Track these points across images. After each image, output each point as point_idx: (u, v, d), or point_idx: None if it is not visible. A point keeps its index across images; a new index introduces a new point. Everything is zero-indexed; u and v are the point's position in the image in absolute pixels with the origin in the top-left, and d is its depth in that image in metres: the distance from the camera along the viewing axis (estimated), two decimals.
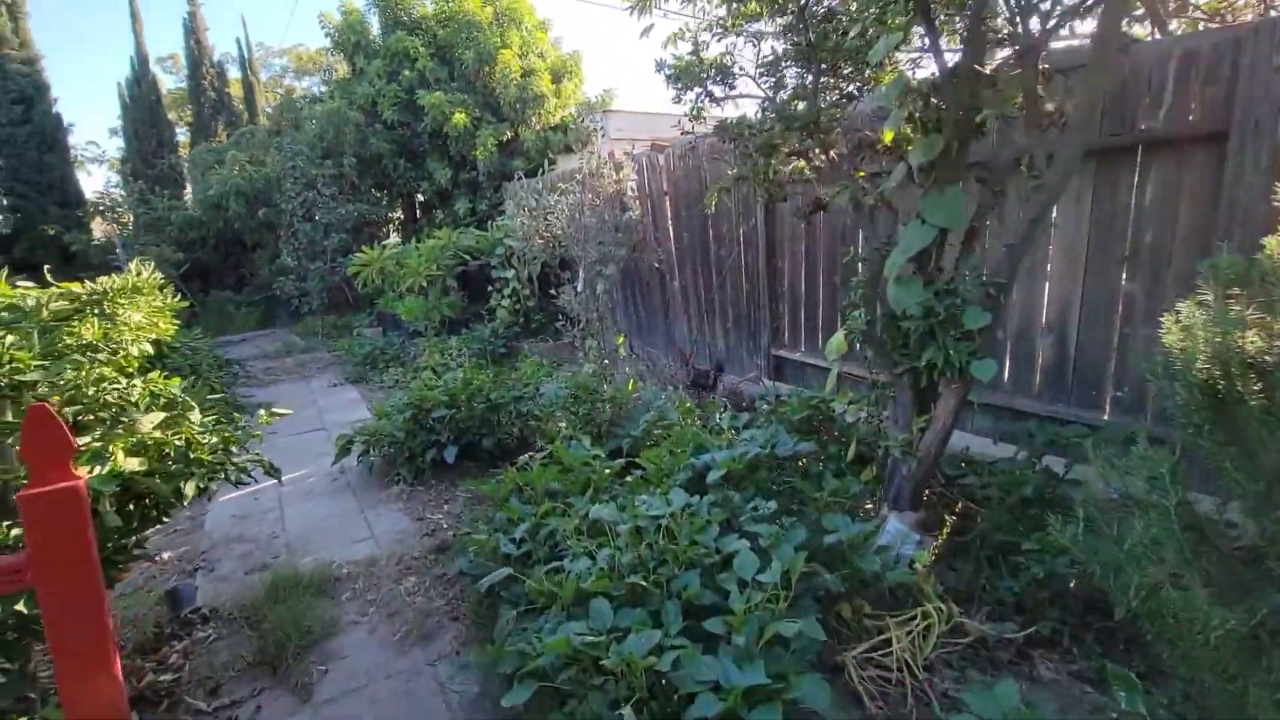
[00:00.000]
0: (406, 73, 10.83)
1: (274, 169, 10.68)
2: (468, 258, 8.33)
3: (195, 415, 2.70)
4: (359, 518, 3.86)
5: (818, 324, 5.45)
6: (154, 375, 5.33)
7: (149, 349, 5.47)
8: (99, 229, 14.00)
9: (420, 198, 12.99)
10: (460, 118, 10.15)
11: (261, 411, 3.12)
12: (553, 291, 8.90)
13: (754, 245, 5.86)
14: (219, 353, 8.93)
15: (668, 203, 6.76)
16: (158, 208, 11.91)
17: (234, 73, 17.21)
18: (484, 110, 10.73)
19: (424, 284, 8.00)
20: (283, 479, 3.13)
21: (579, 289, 5.30)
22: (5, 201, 12.81)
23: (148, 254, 10.27)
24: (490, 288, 8.44)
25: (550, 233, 4.98)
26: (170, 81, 20.92)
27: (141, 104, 13.98)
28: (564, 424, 3.99)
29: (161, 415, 2.52)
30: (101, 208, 11.97)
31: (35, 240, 12.62)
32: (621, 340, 5.35)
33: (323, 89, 12.29)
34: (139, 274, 5.53)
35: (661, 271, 6.77)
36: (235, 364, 7.98)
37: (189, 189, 14.57)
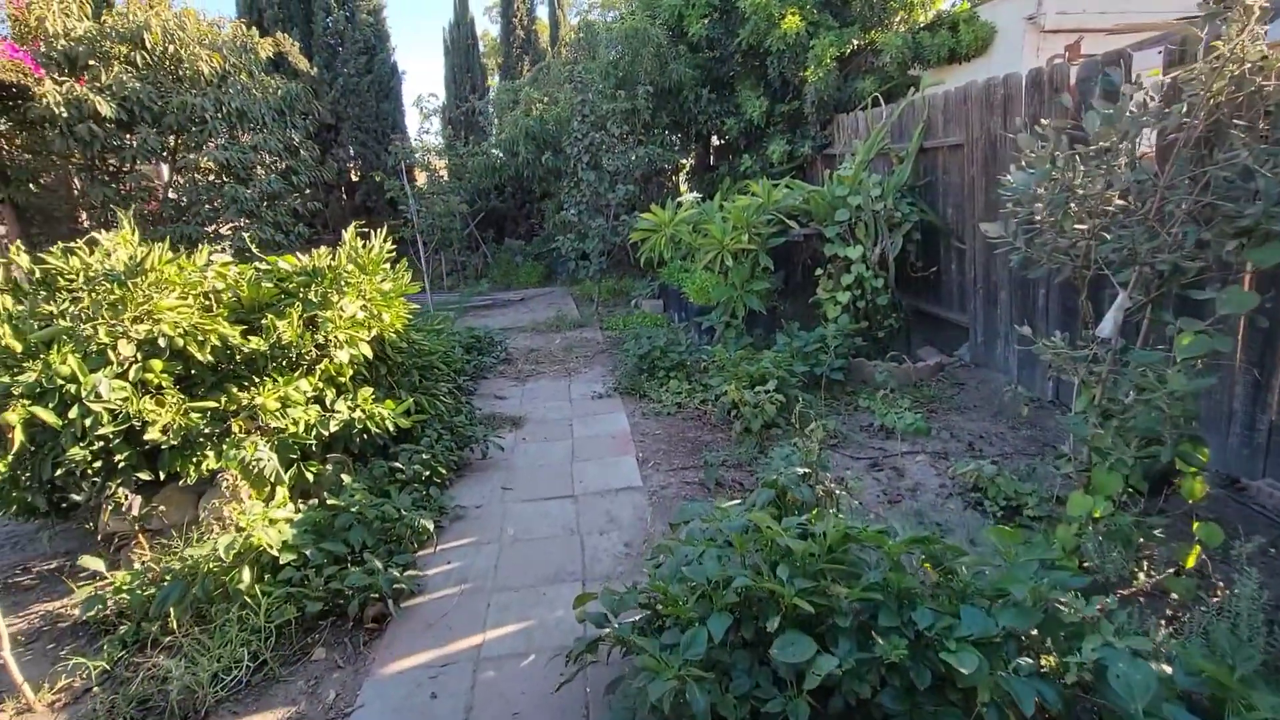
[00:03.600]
0: None
1: (565, 107, 9.23)
2: (793, 224, 5.65)
3: None
4: None
5: None
6: (365, 394, 3.78)
7: (366, 351, 3.95)
8: (421, 177, 14.58)
9: (716, 141, 10.63)
10: (792, 22, 7.28)
11: None
12: (918, 273, 5.83)
13: None
14: (484, 323, 7.84)
15: None
16: (461, 153, 11.55)
17: (543, 13, 16.72)
18: (822, 11, 7.69)
19: (728, 260, 5.58)
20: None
21: (1107, 329, 2.24)
22: (352, 150, 13.86)
23: (434, 204, 9.74)
24: (821, 270, 5.67)
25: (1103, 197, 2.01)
26: (495, 30, 21.74)
27: (459, 47, 13.96)
28: None
29: None
30: (411, 155, 12.04)
31: (370, 187, 13.46)
32: (1200, 487, 2.19)
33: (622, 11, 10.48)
34: (355, 245, 3.99)
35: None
36: (495, 345, 6.63)
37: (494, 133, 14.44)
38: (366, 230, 3.97)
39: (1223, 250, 2.08)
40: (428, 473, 3.62)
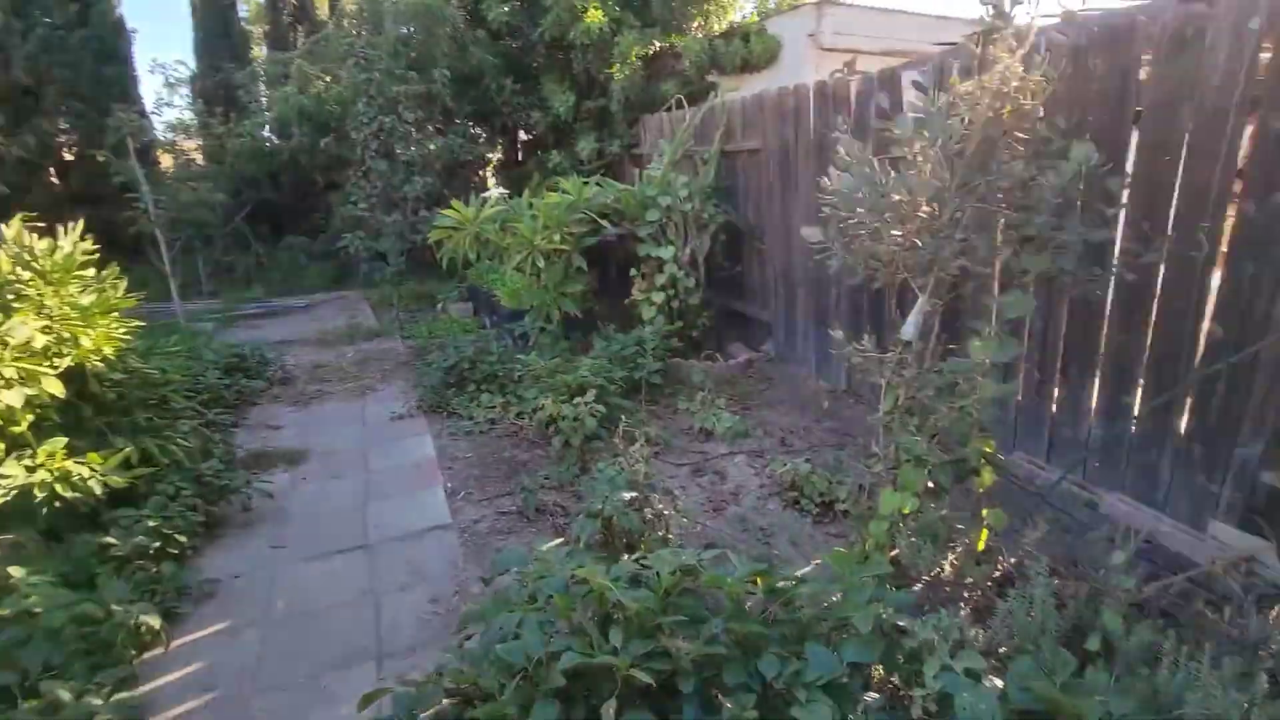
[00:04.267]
0: None
1: (349, 87, 8.13)
2: (606, 224, 5.46)
3: None
4: None
5: None
6: (54, 448, 2.76)
7: (54, 388, 2.90)
8: (166, 159, 12.09)
9: (524, 135, 10.20)
10: (595, 15, 7.12)
11: None
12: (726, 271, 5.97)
13: (1273, 244, 2.68)
14: (258, 336, 6.57)
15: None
16: (218, 133, 9.71)
17: None
18: (624, 9, 7.65)
19: (540, 261, 5.22)
20: None
21: (910, 332, 2.30)
22: (63, 123, 11.04)
23: (180, 193, 8.07)
24: (635, 271, 5.56)
25: (918, 205, 2.01)
26: None
27: (212, 8, 11.76)
28: None
29: None
30: (149, 131, 9.85)
31: (93, 168, 10.82)
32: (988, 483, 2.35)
33: None
34: (26, 244, 2.87)
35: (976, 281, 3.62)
36: (268, 363, 5.55)
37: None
38: (44, 225, 2.96)
39: (1001, 256, 2.22)
40: (158, 543, 2.76)
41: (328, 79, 9.13)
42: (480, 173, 11.11)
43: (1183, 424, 3.04)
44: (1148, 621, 2.01)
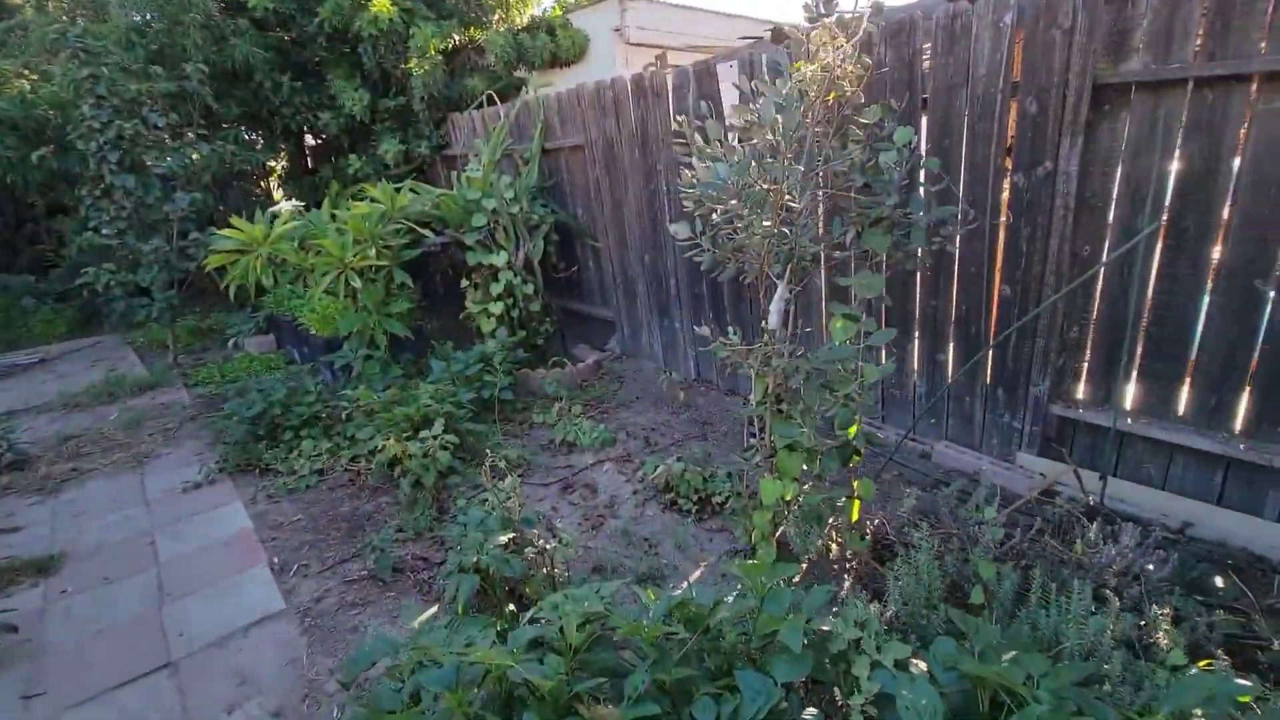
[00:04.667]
0: None
1: (66, 85, 6.53)
2: (427, 233, 4.94)
3: None
4: None
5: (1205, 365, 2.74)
6: None
7: None
8: None
9: (311, 139, 9.06)
10: (382, 5, 6.44)
11: None
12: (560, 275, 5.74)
13: (1039, 211, 3.10)
14: None
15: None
16: None
17: None
18: None
19: (355, 281, 4.58)
20: None
21: (773, 321, 2.28)
22: None
23: None
24: (467, 282, 5.13)
25: (786, 198, 1.92)
26: None
27: None
28: None
29: None
30: None
31: None
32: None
33: None
34: None
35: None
36: None
37: None
38: None
39: (845, 238, 2.28)
40: None
41: (33, 76, 7.30)
42: (262, 184, 9.68)
43: (987, 373, 3.45)
44: (1010, 564, 2.20)
